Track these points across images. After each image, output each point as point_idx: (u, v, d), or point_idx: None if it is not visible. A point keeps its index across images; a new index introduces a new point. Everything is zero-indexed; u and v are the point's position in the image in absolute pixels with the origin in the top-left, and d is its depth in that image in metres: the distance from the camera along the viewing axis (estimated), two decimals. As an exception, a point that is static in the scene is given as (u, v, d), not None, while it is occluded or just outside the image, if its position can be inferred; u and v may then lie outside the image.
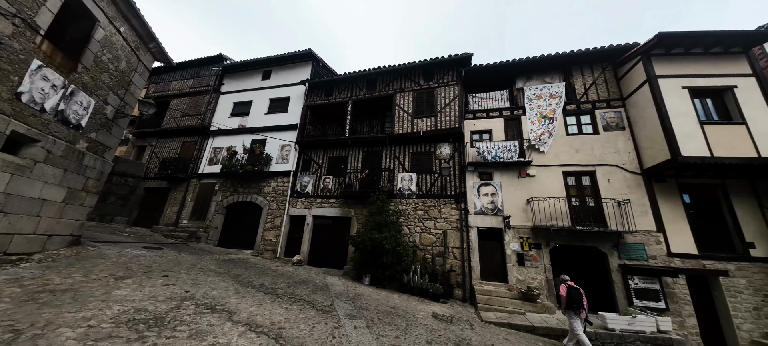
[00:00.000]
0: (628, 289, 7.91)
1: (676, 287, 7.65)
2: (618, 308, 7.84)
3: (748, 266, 7.40)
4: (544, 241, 8.97)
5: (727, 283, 7.36)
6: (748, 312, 7.06)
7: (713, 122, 8.14)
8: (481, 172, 10.25)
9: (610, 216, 8.61)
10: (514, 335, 6.33)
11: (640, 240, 8.28)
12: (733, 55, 8.49)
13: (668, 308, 7.47)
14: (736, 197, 8.03)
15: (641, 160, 9.00)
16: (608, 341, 6.46)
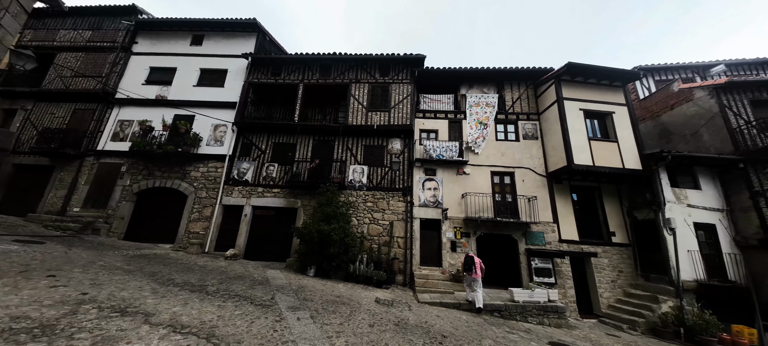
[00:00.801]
0: (531, 268, 9.35)
1: (563, 266, 9.37)
2: (523, 284, 9.20)
3: (610, 249, 9.57)
4: (473, 230, 9.86)
5: (595, 262, 9.38)
6: (607, 284, 9.18)
7: (597, 139, 9.96)
8: (427, 168, 10.56)
9: (522, 210, 9.92)
10: (444, 311, 6.82)
11: (541, 229, 9.80)
12: (615, 88, 10.46)
13: (556, 282, 9.12)
14: (606, 197, 10.18)
15: (547, 165, 10.53)
16: (514, 310, 7.42)
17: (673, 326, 7.47)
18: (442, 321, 5.90)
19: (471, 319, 6.62)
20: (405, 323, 5.27)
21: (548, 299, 7.81)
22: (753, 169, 8.43)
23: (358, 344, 4.01)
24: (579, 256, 9.56)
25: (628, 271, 9.31)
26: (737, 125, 8.99)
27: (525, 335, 5.97)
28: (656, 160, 9.14)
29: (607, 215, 9.95)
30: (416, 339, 4.56)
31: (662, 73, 12.79)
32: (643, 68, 12.54)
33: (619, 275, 9.25)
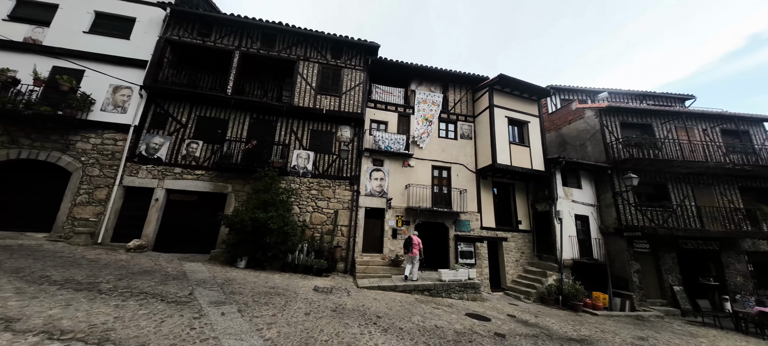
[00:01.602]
0: (457, 251, 10.13)
1: (482, 249, 10.42)
2: (450, 266, 9.91)
3: (517, 235, 11.03)
4: (413, 218, 10.06)
5: (506, 245, 10.71)
6: (512, 263, 10.61)
7: (515, 143, 11.07)
8: (375, 158, 10.16)
9: (454, 201, 10.54)
10: (381, 294, 6.88)
11: (468, 218, 10.63)
12: (532, 101, 11.70)
13: (475, 263, 10.11)
14: (518, 192, 11.58)
15: (477, 162, 11.33)
16: (441, 288, 7.96)
17: (554, 295, 9.08)
18: (378, 303, 5.93)
19: (404, 298, 6.81)
20: (343, 308, 5.16)
21: (468, 278, 8.55)
22: (616, 175, 10.66)
23: (292, 333, 3.73)
24: (494, 240, 10.76)
25: (528, 252, 10.94)
26: (610, 140, 11.16)
27: (448, 309, 6.43)
28: (554, 164, 10.69)
29: (517, 206, 11.38)
30: (352, 322, 4.48)
31: (566, 93, 14.99)
32: (553, 87, 14.43)
33: (521, 255, 10.80)
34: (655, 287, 10.04)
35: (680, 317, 9.00)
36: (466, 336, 4.79)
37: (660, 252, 10.19)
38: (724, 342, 6.51)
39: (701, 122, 11.52)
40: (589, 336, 5.83)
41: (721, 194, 10.62)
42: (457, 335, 4.80)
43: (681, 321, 8.44)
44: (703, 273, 10.11)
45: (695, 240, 10.21)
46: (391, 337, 4.26)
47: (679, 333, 6.97)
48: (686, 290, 9.76)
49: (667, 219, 10.18)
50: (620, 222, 10.12)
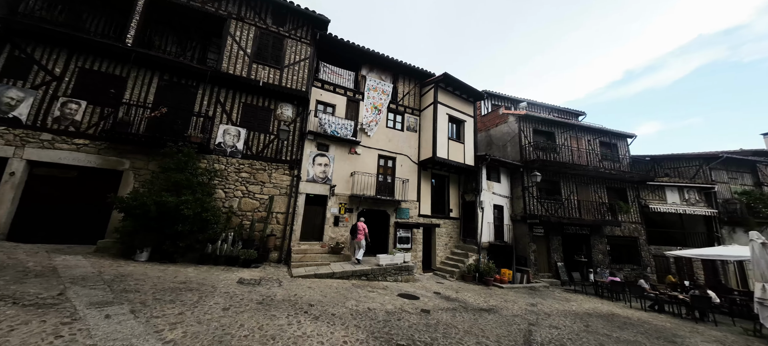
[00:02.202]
0: (396, 237, 10.27)
1: (418, 234, 10.81)
2: (389, 250, 10.01)
3: (448, 221, 11.78)
4: (356, 206, 9.69)
5: (438, 231, 11.35)
6: (442, 246, 11.34)
7: (453, 140, 11.59)
8: (320, 143, 9.25)
9: (397, 190, 10.55)
10: (317, 282, 6.50)
11: (408, 206, 10.82)
12: (470, 102, 12.35)
13: (411, 247, 10.45)
14: (451, 183, 12.28)
15: (420, 155, 11.50)
16: (378, 272, 7.97)
17: (473, 273, 10.05)
18: (313, 292, 5.61)
19: (341, 285, 6.54)
20: (271, 299, 4.71)
21: (404, 261, 8.73)
22: (526, 173, 12.23)
23: (202, 332, 3.20)
24: (429, 226, 11.28)
25: (456, 236, 11.85)
26: (524, 143, 12.67)
27: (382, 292, 6.48)
28: (482, 160, 11.64)
29: (450, 196, 12.11)
30: (280, 313, 4.11)
31: (496, 99, 16.38)
32: (487, 92, 15.57)
33: (450, 239, 11.63)
34: (545, 263, 12.14)
35: (560, 286, 11.09)
36: (396, 315, 4.86)
37: (550, 235, 12.28)
38: (588, 304, 8.21)
39: (587, 134, 14.07)
40: (496, 306, 6.55)
41: (595, 192, 13.33)
42: (387, 314, 4.83)
43: (560, 290, 10.38)
44: (578, 252, 12.67)
45: (575, 226, 12.63)
46: (321, 324, 4.02)
47: (558, 299, 8.49)
48: (565, 265, 12.08)
49: (557, 209, 12.26)
50: (525, 211, 11.75)
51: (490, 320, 5.30)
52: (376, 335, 3.92)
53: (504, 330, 4.80)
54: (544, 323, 5.59)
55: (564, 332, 5.10)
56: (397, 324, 4.45)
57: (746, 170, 14.85)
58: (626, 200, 13.70)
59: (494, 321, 5.28)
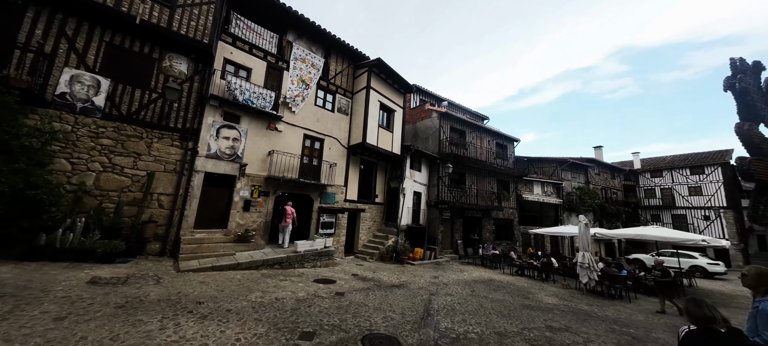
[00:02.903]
0: (319, 222, 9.91)
1: (343, 219, 10.73)
2: (310, 236, 9.59)
3: (373, 206, 12.09)
4: (274, 189, 8.74)
5: (363, 215, 11.54)
6: (365, 230, 11.62)
7: (383, 127, 11.75)
8: (228, 112, 7.70)
9: (323, 173, 10.06)
10: (213, 276, 5.62)
11: (334, 191, 10.52)
12: (401, 93, 12.68)
13: (334, 232, 10.32)
14: (379, 170, 12.58)
15: (350, 139, 11.22)
16: (295, 259, 7.50)
17: (390, 253, 10.72)
18: (206, 287, 4.81)
19: (247, 276, 5.89)
20: (140, 301, 3.85)
21: (325, 246, 8.53)
22: (441, 164, 13.71)
23: None
24: (354, 211, 11.34)
25: (379, 220, 12.37)
26: (442, 138, 14.10)
27: (296, 279, 6.14)
28: (407, 150, 12.35)
29: (377, 182, 12.44)
30: (150, 317, 3.38)
31: (423, 95, 17.47)
32: (417, 87, 16.40)
33: (373, 223, 12.06)
34: (449, 241, 14.18)
35: (458, 260, 13.17)
36: (307, 302, 4.64)
37: (454, 218, 14.36)
38: (475, 273, 9.97)
39: (488, 136, 16.80)
40: (406, 281, 7.18)
41: (489, 183, 16.20)
42: (297, 302, 4.56)
43: (458, 263, 12.33)
44: (473, 232, 15.31)
45: (472, 210, 15.11)
46: (210, 323, 3.41)
47: (455, 270, 10.02)
48: (463, 242, 14.43)
49: (461, 197, 14.37)
50: (438, 198, 13.28)
51: (399, 295, 5.74)
52: (279, 326, 3.59)
53: (409, 303, 5.26)
54: (441, 292, 6.40)
55: (455, 298, 5.92)
56: (307, 311, 4.25)
57: (582, 172, 21.02)
58: (509, 190, 17.28)
59: (402, 295, 5.74)
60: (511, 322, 4.70)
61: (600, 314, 5.71)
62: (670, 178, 23.64)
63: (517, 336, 4.05)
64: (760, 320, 2.10)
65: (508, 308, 5.59)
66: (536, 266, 10.03)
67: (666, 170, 23.89)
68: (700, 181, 21.97)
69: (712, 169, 21.63)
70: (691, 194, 22.32)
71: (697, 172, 22.31)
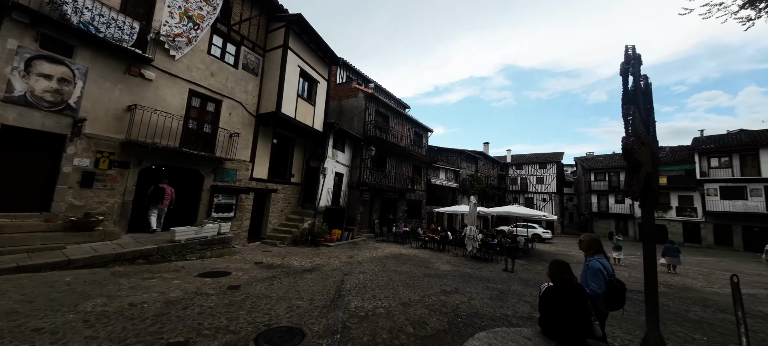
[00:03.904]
0: (212, 204, 8.21)
1: (246, 201, 9.26)
2: (198, 221, 7.85)
3: (288, 187, 10.94)
4: (137, 159, 6.51)
5: (274, 197, 10.30)
6: (277, 213, 10.46)
7: (303, 98, 10.54)
8: (50, 36, 4.96)
9: (220, 144, 8.24)
10: (20, 280, 3.86)
11: (235, 167, 8.86)
12: (325, 64, 11.63)
13: (235, 216, 8.82)
14: (297, 147, 11.38)
15: (260, 105, 9.55)
16: (170, 250, 5.95)
17: (306, 236, 10.13)
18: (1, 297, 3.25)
19: (84, 277, 4.36)
20: None
21: (218, 233, 7.21)
22: (365, 146, 13.76)
23: None
24: (264, 192, 9.97)
25: (294, 202, 11.40)
26: (367, 120, 14.08)
27: (171, 276, 4.92)
28: (330, 128, 11.69)
29: (294, 160, 11.28)
30: None
31: (351, 72, 16.74)
32: (344, 61, 15.50)
33: (287, 205, 11.01)
34: (367, 221, 14.73)
35: (374, 238, 13.88)
36: (182, 303, 3.71)
37: (374, 199, 14.95)
38: (388, 249, 10.68)
39: (408, 123, 18.00)
40: (320, 264, 6.92)
41: (406, 167, 17.58)
42: (167, 306, 3.58)
43: (374, 241, 12.99)
44: (389, 212, 16.43)
45: (390, 192, 16.11)
46: None
47: (371, 249, 10.48)
48: (380, 222, 15.31)
49: (381, 179, 15.04)
50: (359, 179, 13.41)
51: (310, 279, 5.43)
52: (130, 342, 2.68)
53: (320, 286, 5.04)
54: (355, 270, 6.48)
55: (368, 275, 6.10)
56: (180, 315, 3.34)
57: (473, 162, 25.77)
58: (421, 175, 19.36)
59: (313, 279, 5.46)
60: (414, 291, 5.21)
61: (478, 275, 7.16)
62: (526, 170, 32.40)
63: (418, 304, 4.52)
64: (589, 275, 2.83)
65: (412, 278, 6.22)
66: (436, 239, 11.72)
67: (524, 164, 32.62)
68: (544, 173, 31.10)
69: (551, 165, 30.95)
70: (537, 183, 31.40)
71: (542, 167, 31.44)
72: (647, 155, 1.69)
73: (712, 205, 20.06)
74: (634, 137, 1.63)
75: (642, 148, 1.64)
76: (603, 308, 2.86)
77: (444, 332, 3.54)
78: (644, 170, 1.61)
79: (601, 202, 27.24)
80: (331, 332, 3.26)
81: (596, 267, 2.83)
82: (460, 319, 4.04)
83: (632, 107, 1.74)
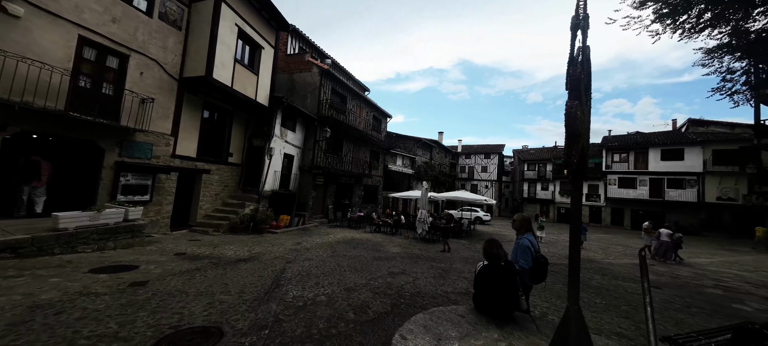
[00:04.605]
0: (117, 185, 6.69)
1: (168, 182, 7.80)
2: (97, 204, 6.31)
3: (224, 168, 9.55)
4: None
5: (207, 179, 8.91)
6: (211, 197, 9.11)
7: (243, 65, 9.09)
8: None
9: (127, 111, 6.62)
10: None
11: (150, 140, 7.31)
12: (272, 28, 10.21)
13: (152, 200, 7.40)
14: (236, 122, 9.92)
15: (184, 67, 7.93)
16: (52, 242, 4.69)
17: (247, 222, 9.07)
18: None
19: None
20: None
21: (125, 219, 5.93)
22: (320, 127, 12.85)
23: None
24: (192, 172, 8.53)
25: (233, 185, 10.09)
26: (322, 99, 13.10)
27: (48, 273, 3.91)
28: (278, 103, 10.50)
29: (232, 138, 9.85)
30: None
31: (304, 43, 15.21)
32: (295, 29, 13.92)
33: (224, 189, 9.69)
34: (321, 206, 14.10)
35: (328, 224, 13.40)
36: (56, 307, 2.92)
37: (328, 184, 14.31)
38: (341, 235, 10.34)
39: (368, 107, 17.47)
40: (260, 252, 6.27)
41: (363, 152, 17.20)
42: (30, 311, 2.79)
43: (327, 226, 12.51)
44: (345, 197, 16.00)
45: (346, 177, 15.63)
46: None
47: (322, 234, 10.03)
48: (335, 207, 14.81)
49: (337, 163, 14.42)
50: (313, 163, 12.58)
51: (244, 270, 4.84)
52: None
53: (255, 277, 4.50)
54: (301, 258, 6.04)
55: (314, 262, 5.74)
56: (49, 322, 2.56)
57: (428, 150, 26.76)
58: (378, 160, 19.28)
59: (248, 270, 4.88)
60: (361, 275, 5.08)
61: (426, 256, 7.43)
62: (474, 160, 35.37)
63: (364, 288, 4.39)
64: (519, 252, 3.13)
65: (362, 262, 6.08)
66: (390, 223, 11.87)
67: (472, 154, 35.57)
68: (487, 163, 34.35)
69: (494, 156, 34.28)
70: (482, 171, 34.61)
71: (487, 157, 34.67)
72: (585, 127, 1.67)
73: (611, 192, 24.97)
74: (577, 102, 1.57)
75: (582, 118, 1.61)
76: (529, 282, 3.13)
77: (386, 314, 3.46)
78: (582, 143, 1.58)
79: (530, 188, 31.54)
80: (258, 328, 2.86)
81: (525, 245, 3.08)
82: (403, 300, 4.03)
83: (580, 70, 1.69)
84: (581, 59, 1.78)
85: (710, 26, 4.90)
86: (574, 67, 1.65)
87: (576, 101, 1.59)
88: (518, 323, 3.07)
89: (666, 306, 4.74)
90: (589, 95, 1.85)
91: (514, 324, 3.04)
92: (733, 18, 4.71)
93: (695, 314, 4.43)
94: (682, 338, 2.53)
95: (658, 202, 22.55)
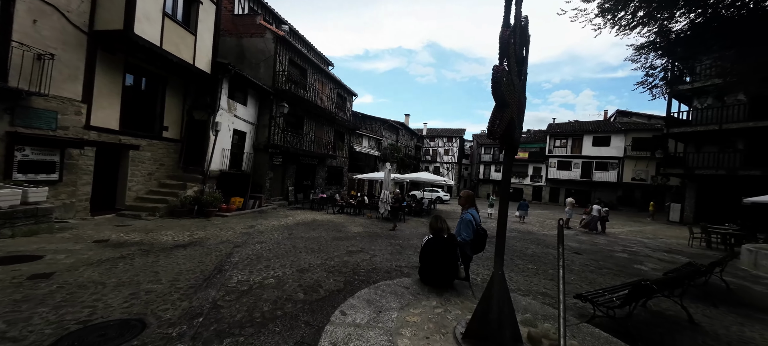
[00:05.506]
0: (12, 161, 5.43)
1: (83, 158, 6.53)
2: None
3: (158, 143, 8.27)
4: None
5: (135, 155, 7.64)
6: (142, 177, 7.89)
7: (175, 20, 7.62)
8: None
9: (18, 69, 5.23)
10: None
11: (54, 107, 5.95)
12: (212, -18, 8.77)
13: (62, 179, 6.17)
14: (171, 91, 8.54)
15: (95, 17, 6.44)
16: None
17: (190, 205, 8.10)
18: None
19: None
20: None
21: (24, 201, 4.93)
22: (276, 102, 11.82)
23: None
24: (115, 147, 7.24)
25: (171, 164, 8.87)
26: (279, 70, 11.96)
27: None
28: (223, 71, 9.25)
29: (166, 109, 8.51)
30: None
31: (258, 4, 13.51)
32: (244, -16, 12.22)
33: (159, 167, 8.46)
34: (279, 188, 13.35)
35: (288, 206, 12.79)
36: None
37: (287, 164, 13.52)
38: (301, 216, 9.97)
39: (331, 83, 16.55)
40: (204, 237, 5.71)
41: (327, 131, 16.48)
42: None
43: (287, 209, 11.94)
44: (306, 178, 15.36)
45: (308, 157, 14.91)
46: None
47: (280, 217, 9.53)
48: (295, 189, 14.16)
49: (297, 142, 13.62)
50: (269, 141, 11.67)
51: (181, 257, 4.36)
52: None
53: (194, 263, 4.08)
54: (253, 241, 5.66)
55: (267, 245, 5.42)
56: None
57: (395, 132, 26.88)
58: (343, 141, 18.76)
59: (187, 256, 4.40)
60: (317, 256, 4.95)
61: (386, 235, 7.58)
62: (437, 143, 36.79)
63: (318, 268, 4.29)
64: (462, 226, 3.36)
65: (320, 243, 5.94)
66: (353, 204, 11.82)
67: (436, 138, 36.97)
68: (449, 146, 36.03)
69: (455, 139, 36.01)
70: (444, 154, 36.28)
71: (449, 140, 36.30)
72: (514, 100, 1.69)
73: (552, 174, 28.46)
74: (506, 69, 1.57)
75: (511, 89, 1.61)
76: (469, 252, 3.39)
77: (337, 292, 3.43)
78: (509, 113, 1.60)
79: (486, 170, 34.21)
80: (190, 317, 2.59)
81: (468, 219, 3.33)
82: (358, 276, 4.04)
83: (512, 37, 1.68)
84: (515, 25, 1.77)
85: (641, 24, 5.45)
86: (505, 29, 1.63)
87: (504, 67, 1.59)
88: (457, 290, 3.30)
89: (583, 269, 5.54)
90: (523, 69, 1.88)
91: (453, 291, 3.26)
92: (661, 17, 5.29)
93: (605, 274, 5.26)
94: (591, 295, 2.99)
95: (587, 182, 26.37)
